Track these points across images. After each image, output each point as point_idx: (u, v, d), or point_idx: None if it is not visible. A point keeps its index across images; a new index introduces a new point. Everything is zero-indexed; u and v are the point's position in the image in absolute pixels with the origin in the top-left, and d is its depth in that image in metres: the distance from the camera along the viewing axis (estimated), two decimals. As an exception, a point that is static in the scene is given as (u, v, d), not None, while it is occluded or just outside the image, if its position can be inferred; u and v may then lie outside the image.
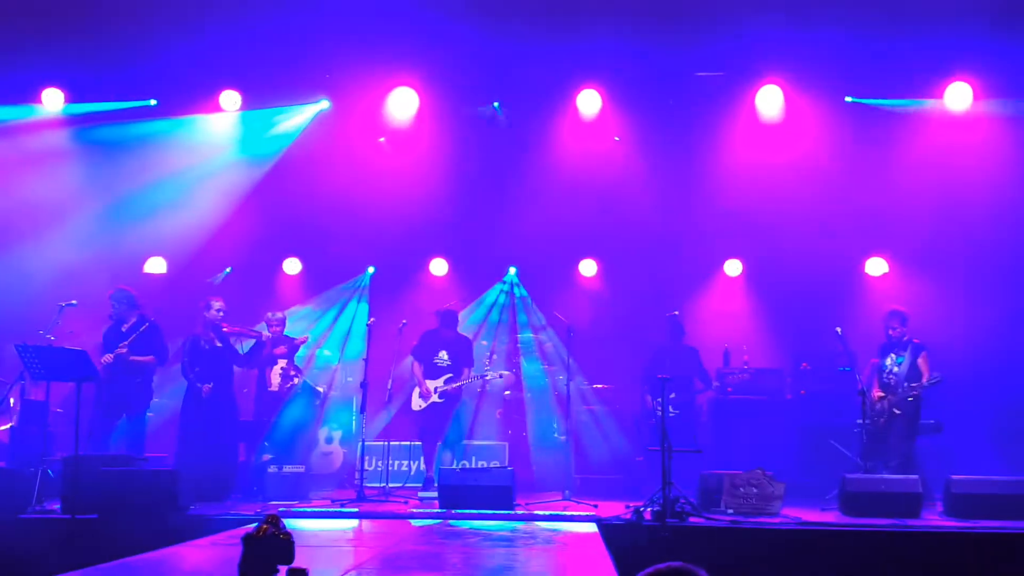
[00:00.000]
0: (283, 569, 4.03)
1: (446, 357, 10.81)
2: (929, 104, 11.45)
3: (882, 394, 10.05)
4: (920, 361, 10.02)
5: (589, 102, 11.81)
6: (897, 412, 9.91)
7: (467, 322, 12.13)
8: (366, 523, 8.71)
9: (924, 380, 9.89)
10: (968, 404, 10.85)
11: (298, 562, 3.99)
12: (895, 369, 10.07)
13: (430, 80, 11.67)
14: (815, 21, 10.33)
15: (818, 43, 10.66)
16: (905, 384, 9.99)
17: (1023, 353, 11.11)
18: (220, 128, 12.30)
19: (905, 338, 10.12)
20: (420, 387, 10.75)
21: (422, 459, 10.92)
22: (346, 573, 5.86)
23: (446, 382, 10.72)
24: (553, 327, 12.10)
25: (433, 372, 10.80)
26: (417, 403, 10.75)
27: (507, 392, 11.80)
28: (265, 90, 11.87)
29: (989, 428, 10.73)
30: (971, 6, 10.04)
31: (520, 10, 10.62)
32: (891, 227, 11.99)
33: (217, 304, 10.45)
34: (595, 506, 9.17)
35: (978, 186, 11.29)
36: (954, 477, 9.05)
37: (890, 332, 10.18)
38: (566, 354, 10.74)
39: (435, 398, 10.70)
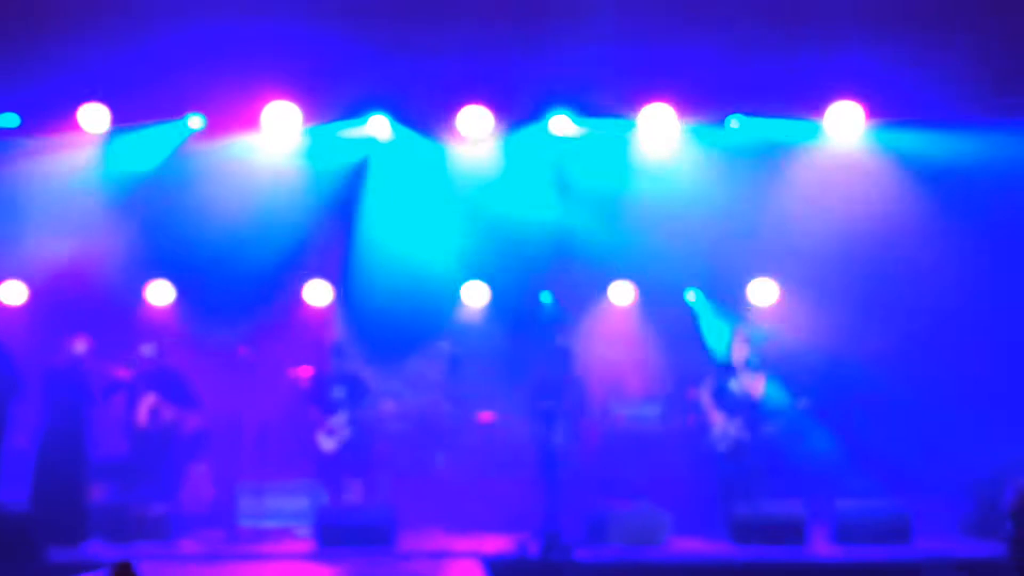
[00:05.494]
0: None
1: (342, 393, 10.47)
2: (816, 126, 11.54)
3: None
4: (757, 384, 9.92)
5: (471, 120, 11.49)
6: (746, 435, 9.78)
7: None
8: (237, 565, 8.30)
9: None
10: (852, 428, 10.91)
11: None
12: (738, 392, 9.92)
13: (310, 94, 11.29)
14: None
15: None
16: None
17: (907, 378, 11.21)
18: (87, 147, 11.67)
19: (751, 360, 10.00)
20: (323, 427, 10.32)
21: (304, 497, 10.45)
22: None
23: (349, 415, 10.37)
24: (438, 355, 11.75)
25: (332, 408, 10.40)
26: (327, 443, 10.33)
27: (390, 424, 11.40)
28: (134, 107, 11.34)
29: (869, 452, 10.78)
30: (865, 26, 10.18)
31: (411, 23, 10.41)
32: (780, 252, 12.03)
33: (81, 343, 10.08)
34: (479, 541, 8.93)
35: (867, 210, 11.36)
36: (840, 502, 9.14)
37: (735, 353, 10.03)
38: (450, 383, 10.49)
39: (345, 433, 10.34)
